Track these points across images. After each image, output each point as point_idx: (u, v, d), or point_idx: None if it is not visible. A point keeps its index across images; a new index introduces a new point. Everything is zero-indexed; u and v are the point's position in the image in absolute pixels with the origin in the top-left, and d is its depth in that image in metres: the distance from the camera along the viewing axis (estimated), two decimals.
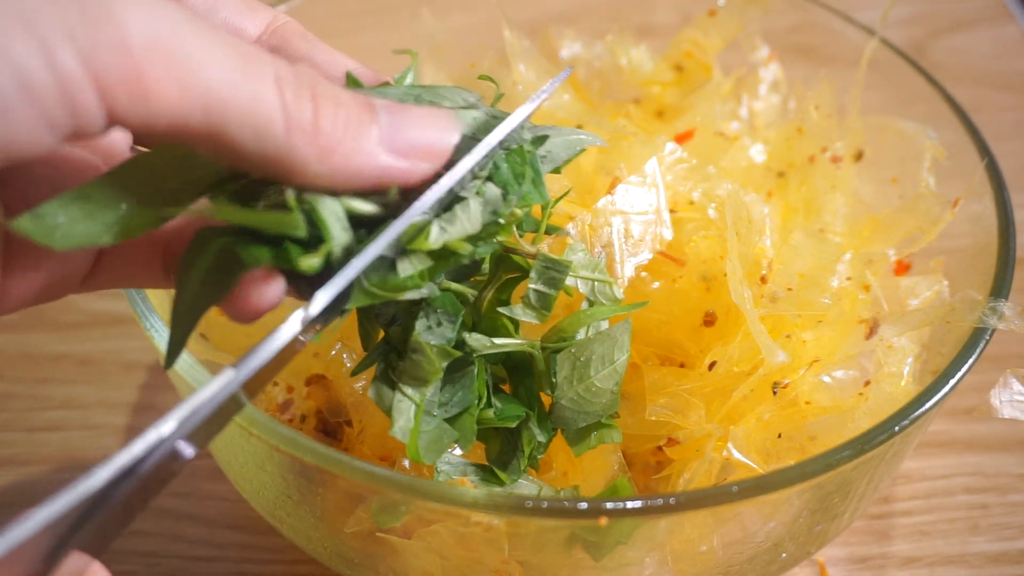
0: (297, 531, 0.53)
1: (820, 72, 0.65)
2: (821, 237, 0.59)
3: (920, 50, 0.99)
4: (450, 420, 0.46)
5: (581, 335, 0.48)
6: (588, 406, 0.48)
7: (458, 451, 0.49)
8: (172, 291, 0.39)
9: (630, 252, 0.53)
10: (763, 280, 0.55)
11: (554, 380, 0.47)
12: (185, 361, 0.47)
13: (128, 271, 0.43)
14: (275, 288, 0.38)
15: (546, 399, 0.49)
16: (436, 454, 0.45)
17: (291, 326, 0.37)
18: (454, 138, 0.40)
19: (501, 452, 0.48)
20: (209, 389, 0.35)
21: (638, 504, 0.42)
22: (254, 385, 0.37)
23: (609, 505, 0.42)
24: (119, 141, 0.43)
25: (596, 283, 0.48)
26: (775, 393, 0.51)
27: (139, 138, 0.42)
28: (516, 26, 0.65)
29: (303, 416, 0.56)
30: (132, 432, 0.69)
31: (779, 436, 0.51)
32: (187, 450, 0.35)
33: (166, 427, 0.35)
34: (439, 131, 0.40)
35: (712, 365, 0.53)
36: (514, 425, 0.48)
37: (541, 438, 0.48)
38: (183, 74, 0.33)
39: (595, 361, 0.47)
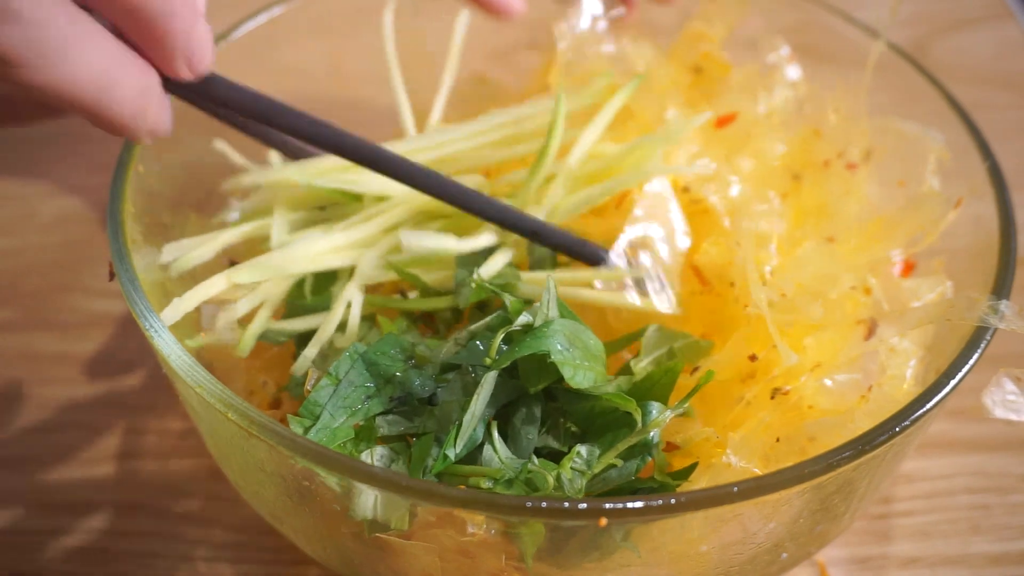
0: (297, 531, 0.53)
1: (821, 72, 0.65)
2: (830, 250, 0.58)
3: (921, 49, 0.98)
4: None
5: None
6: None
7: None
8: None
9: (669, 274, 0.54)
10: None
11: None
12: (184, 361, 0.47)
13: None
14: None
15: None
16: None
17: None
18: None
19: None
20: None
21: (638, 504, 0.42)
22: None
23: (609, 505, 0.42)
24: None
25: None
26: (772, 398, 0.51)
27: None
28: (517, 25, 0.65)
29: None
30: (131, 432, 0.69)
31: (777, 440, 0.51)
32: None
33: None
34: None
35: (694, 370, 0.53)
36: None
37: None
38: None
39: None
